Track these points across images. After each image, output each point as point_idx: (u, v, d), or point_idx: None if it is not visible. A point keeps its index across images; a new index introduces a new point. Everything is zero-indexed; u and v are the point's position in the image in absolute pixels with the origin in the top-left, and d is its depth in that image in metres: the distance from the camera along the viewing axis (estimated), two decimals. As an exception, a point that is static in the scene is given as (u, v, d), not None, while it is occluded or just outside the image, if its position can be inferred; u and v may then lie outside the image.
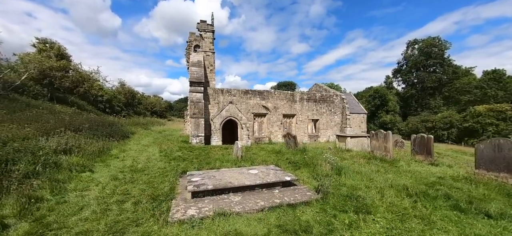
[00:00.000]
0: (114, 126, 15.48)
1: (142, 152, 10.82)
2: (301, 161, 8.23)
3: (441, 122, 37.13)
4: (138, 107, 41.38)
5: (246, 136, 18.14)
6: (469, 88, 48.62)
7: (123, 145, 11.84)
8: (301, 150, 10.29)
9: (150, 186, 6.01)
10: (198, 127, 17.36)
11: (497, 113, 31.44)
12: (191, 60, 20.20)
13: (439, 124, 37.24)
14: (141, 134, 18.23)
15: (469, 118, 33.66)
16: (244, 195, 5.45)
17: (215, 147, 13.24)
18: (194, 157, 9.51)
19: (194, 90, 17.66)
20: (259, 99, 21.55)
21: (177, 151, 10.91)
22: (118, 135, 13.44)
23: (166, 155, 9.83)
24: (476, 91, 47.22)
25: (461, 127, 34.64)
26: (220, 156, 9.33)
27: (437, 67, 53.68)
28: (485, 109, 32.36)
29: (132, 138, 15.31)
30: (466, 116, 34.93)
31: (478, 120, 32.24)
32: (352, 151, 11.28)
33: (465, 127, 33.88)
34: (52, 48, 22.92)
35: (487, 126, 31.36)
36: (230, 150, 11.15)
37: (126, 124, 20.89)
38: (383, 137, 9.37)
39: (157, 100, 55.20)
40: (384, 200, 4.97)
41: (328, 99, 24.78)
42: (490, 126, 31.18)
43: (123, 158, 9.12)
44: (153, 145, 13.29)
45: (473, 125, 32.58)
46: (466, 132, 33.32)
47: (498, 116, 31.33)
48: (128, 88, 37.25)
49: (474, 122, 32.72)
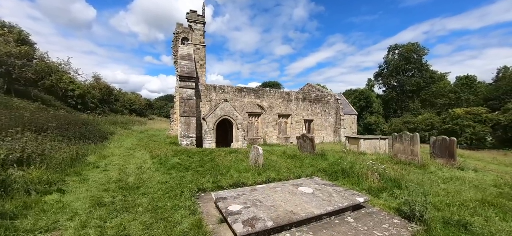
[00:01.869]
0: (89, 125, 13.13)
1: (128, 158, 8.85)
2: (337, 170, 6.93)
3: (423, 123, 38.68)
4: (115, 104, 37.68)
5: (242, 137, 16.68)
6: (444, 92, 51.80)
7: (102, 149, 9.71)
8: (320, 154, 9.09)
9: (157, 216, 3.97)
10: (188, 127, 15.53)
11: (474, 115, 33.33)
12: (180, 52, 18.24)
13: (421, 126, 38.73)
14: (121, 135, 15.88)
15: (449, 120, 35.34)
16: (315, 232, 3.78)
17: (212, 150, 11.56)
18: (198, 165, 7.77)
19: (185, 86, 15.79)
20: (254, 97, 20.18)
21: (172, 156, 9.07)
22: (95, 137, 11.19)
23: (161, 163, 8.00)
24: (451, 95, 50.38)
25: (441, 128, 36.27)
26: (232, 164, 7.67)
27: (415, 71, 56.48)
28: (463, 112, 34.16)
29: (112, 140, 13.04)
30: (445, 118, 36.67)
31: (457, 122, 33.93)
32: (366, 154, 10.40)
33: (445, 128, 35.50)
34: (11, 32, 19.45)
35: (465, 127, 33.09)
36: (234, 154, 9.58)
37: (103, 122, 18.29)
38: (409, 140, 8.57)
39: (136, 98, 51.27)
40: (497, 226, 3.70)
41: (322, 99, 24.15)
42: (468, 127, 32.93)
43: (105, 168, 7.16)
44: (139, 148, 11.27)
45: (452, 126, 34.21)
46: (446, 133, 34.80)
47: (474, 118, 33.21)
48: (104, 83, 33.63)
49: (453, 124, 34.39)
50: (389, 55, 61.83)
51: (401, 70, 58.26)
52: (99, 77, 33.38)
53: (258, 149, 7.21)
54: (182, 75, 15.71)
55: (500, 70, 52.20)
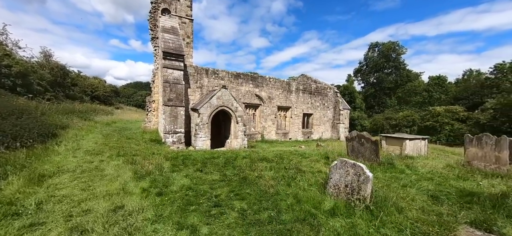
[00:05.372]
0: (27, 116, 8.77)
1: (92, 180, 5.20)
2: (463, 193, 4.39)
3: (404, 120, 39.69)
4: (72, 89, 31.17)
5: (242, 133, 13.68)
6: (418, 91, 54.59)
7: (43, 157, 5.90)
8: (388, 163, 6.57)
9: None
10: (175, 119, 12.02)
11: (452, 113, 34.81)
12: (163, 25, 14.31)
13: (403, 122, 39.74)
14: (80, 129, 11.59)
15: (429, 117, 36.52)
16: None
17: (224, 155, 8.32)
18: (230, 192, 4.63)
19: (171, 66, 12.12)
20: (252, 86, 17.16)
21: (172, 171, 5.66)
22: (34, 134, 7.14)
23: (160, 192, 4.59)
24: (424, 93, 53.20)
25: (422, 125, 37.50)
26: (284, 188, 4.58)
27: (393, 69, 58.55)
28: (443, 110, 35.50)
29: (64, 137, 8.94)
30: (426, 115, 37.92)
31: (437, 119, 35.16)
32: (414, 158, 8.31)
33: (425, 125, 36.71)
34: None
35: (445, 125, 34.43)
36: (266, 163, 6.48)
37: (53, 111, 13.57)
38: (493, 144, 6.63)
39: (100, 83, 43.94)
40: None
41: (322, 92, 22.11)
42: (447, 125, 34.30)
43: (32, 220, 3.45)
44: (108, 152, 7.57)
45: (433, 124, 35.42)
46: (426, 130, 36.10)
47: (453, 116, 34.70)
48: (57, 63, 27.18)
49: (434, 121, 35.60)
50: (369, 53, 63.26)
51: (380, 68, 59.94)
52: (49, 53, 26.77)
53: (361, 168, 4.07)
54: (167, 51, 11.99)
55: (466, 72, 56.50)
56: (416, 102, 53.14)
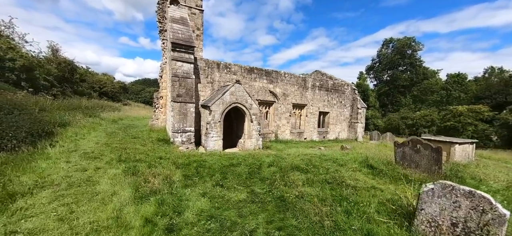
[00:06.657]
0: (19, 112, 7.71)
1: (79, 195, 4.09)
2: None
3: (423, 119, 37.57)
4: (80, 85, 30.79)
5: (257, 133, 12.48)
6: (436, 89, 51.83)
7: (26, 163, 4.84)
8: (460, 178, 5.20)
9: None
10: (185, 117, 10.93)
11: (476, 113, 32.47)
12: (171, 15, 13.21)
13: (421, 122, 37.63)
14: (82, 126, 10.67)
15: (450, 117, 34.28)
16: None
17: (236, 158, 7.15)
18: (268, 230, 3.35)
19: (180, 58, 11.01)
20: (266, 81, 15.90)
21: (184, 186, 4.34)
22: (20, 133, 6.07)
23: (172, 226, 3.32)
24: (442, 92, 50.45)
25: (441, 125, 35.29)
26: (349, 220, 3.31)
27: (408, 66, 55.88)
28: (465, 109, 33.20)
29: (61, 137, 7.99)
30: (446, 114, 35.65)
31: (460, 119, 32.90)
32: (467, 166, 6.92)
33: (445, 125, 34.50)
34: None
35: (467, 125, 32.16)
36: (304, 174, 5.09)
37: (55, 107, 12.74)
38: None
39: (108, 79, 43.67)
40: None
41: (339, 89, 20.61)
42: (470, 125, 32.03)
43: None
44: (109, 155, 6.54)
45: (454, 124, 33.19)
46: (446, 130, 33.92)
47: (476, 116, 32.36)
48: (65, 58, 26.66)
49: (455, 121, 33.36)
50: (383, 49, 60.69)
51: (394, 65, 57.40)
52: (57, 48, 26.24)
53: (484, 199, 2.59)
54: (176, 43, 10.88)
55: (487, 70, 53.26)
56: (433, 101, 50.44)
